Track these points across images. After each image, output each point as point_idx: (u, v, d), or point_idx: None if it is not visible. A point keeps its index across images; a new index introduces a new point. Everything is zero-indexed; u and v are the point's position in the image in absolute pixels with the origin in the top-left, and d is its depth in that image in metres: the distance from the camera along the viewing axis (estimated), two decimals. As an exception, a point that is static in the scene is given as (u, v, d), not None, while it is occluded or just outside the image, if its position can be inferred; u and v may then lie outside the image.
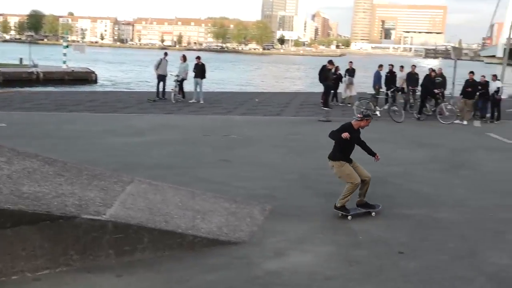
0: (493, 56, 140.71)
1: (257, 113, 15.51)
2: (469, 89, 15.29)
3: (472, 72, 15.70)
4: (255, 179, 7.42)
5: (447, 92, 17.21)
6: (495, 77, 16.07)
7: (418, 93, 16.40)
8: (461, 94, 15.67)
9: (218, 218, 5.25)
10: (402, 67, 17.76)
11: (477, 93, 15.47)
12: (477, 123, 15.15)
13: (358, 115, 6.12)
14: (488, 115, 15.84)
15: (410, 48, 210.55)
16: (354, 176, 5.91)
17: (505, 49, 25.09)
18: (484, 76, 16.00)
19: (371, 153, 6.13)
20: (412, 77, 17.11)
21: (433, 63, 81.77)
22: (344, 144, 5.90)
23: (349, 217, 5.94)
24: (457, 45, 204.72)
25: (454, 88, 18.87)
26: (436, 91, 15.39)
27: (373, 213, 6.13)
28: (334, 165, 5.96)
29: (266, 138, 10.65)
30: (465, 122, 14.83)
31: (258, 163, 8.44)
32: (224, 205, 5.63)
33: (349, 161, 5.96)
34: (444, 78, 17.03)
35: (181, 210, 5.05)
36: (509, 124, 15.29)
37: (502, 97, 17.20)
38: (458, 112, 15.10)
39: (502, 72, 22.16)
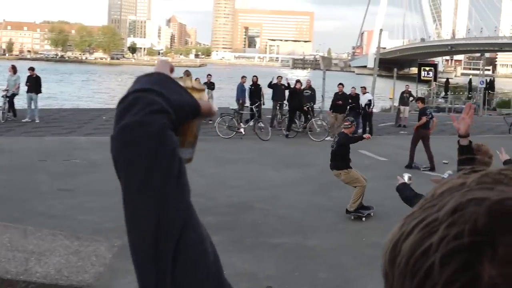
0: (364, 67, 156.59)
1: (105, 133, 15.04)
2: (340, 102, 16.38)
3: (341, 84, 16.74)
4: (102, 210, 7.28)
5: (316, 106, 18.31)
6: (364, 89, 17.65)
7: (286, 107, 17.42)
8: (330, 108, 16.77)
9: (57, 259, 5.16)
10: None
11: (348, 107, 16.71)
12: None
13: (346, 123, 8.33)
14: (360, 130, 17.37)
15: (277, 58, 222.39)
16: (361, 180, 7.97)
17: (375, 59, 27.87)
18: (354, 88, 17.32)
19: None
20: (278, 90, 18.10)
21: (302, 74, 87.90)
22: (346, 152, 7.94)
23: (363, 219, 7.83)
24: (326, 55, 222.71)
25: (323, 101, 20.29)
26: (305, 105, 16.35)
27: (371, 213, 7.89)
28: (341, 173, 7.93)
29: (114, 162, 10.52)
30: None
31: (106, 192, 8.29)
32: (64, 243, 5.53)
33: (351, 167, 7.91)
34: (313, 91, 18.16)
35: (10, 251, 4.89)
36: (382, 139, 16.77)
37: (374, 110, 19.15)
38: (329, 128, 16.20)
39: (372, 84, 24.30)
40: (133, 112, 0.70)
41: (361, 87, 17.65)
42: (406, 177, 4.62)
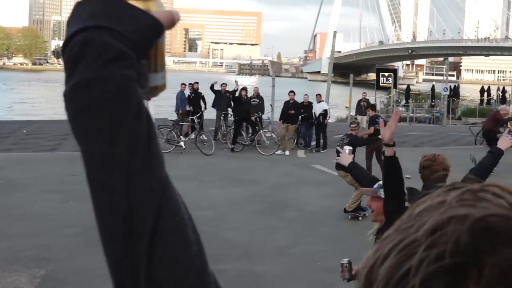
0: (318, 73, 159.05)
1: (25, 149, 14.80)
2: (292, 112, 16.61)
3: (292, 92, 17.01)
4: (21, 237, 7.23)
5: (265, 116, 18.57)
6: (319, 97, 18.03)
7: (231, 118, 17.54)
8: (280, 118, 17.03)
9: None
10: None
11: (300, 117, 16.99)
12: (301, 153, 16.75)
13: (353, 125, 10.78)
14: (313, 143, 17.72)
15: (221, 63, 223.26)
16: None
17: (329, 64, 28.48)
18: (307, 96, 17.62)
19: None
20: (222, 99, 18.26)
21: (249, 81, 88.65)
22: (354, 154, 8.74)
23: (360, 218, 9.20)
24: (275, 59, 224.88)
25: (273, 111, 20.61)
26: (253, 115, 16.54)
27: (366, 214, 8.76)
28: (348, 175, 8.50)
29: (37, 182, 10.42)
30: (287, 153, 16.18)
31: (26, 215, 8.21)
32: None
33: None
34: (261, 99, 18.41)
35: None
36: (335, 153, 17.42)
37: (330, 120, 19.57)
38: (279, 141, 16.44)
39: (327, 91, 24.83)
40: (84, 64, 0.63)
41: (316, 95, 18.02)
42: (347, 149, 5.06)
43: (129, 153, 0.63)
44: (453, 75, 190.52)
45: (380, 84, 43.91)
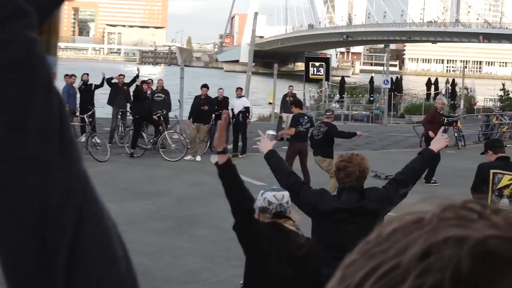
0: (236, 62, 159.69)
1: None
2: (206, 107, 16.64)
3: (205, 86, 17.08)
4: None
5: (172, 114, 18.63)
6: (240, 92, 18.15)
7: (130, 117, 17.44)
8: (190, 117, 17.05)
9: None
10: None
11: (213, 115, 17.02)
12: (214, 158, 16.92)
13: (328, 113, 13.28)
14: (230, 146, 17.85)
15: (119, 50, 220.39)
16: None
17: (249, 51, 28.70)
18: (222, 90, 17.79)
19: None
20: (119, 93, 18.07)
21: (153, 72, 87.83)
22: (332, 142, 12.73)
23: None
24: (185, 46, 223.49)
25: (182, 108, 20.65)
26: (155, 113, 16.54)
27: None
28: (326, 161, 12.42)
29: None
30: (198, 158, 16.29)
31: None
32: None
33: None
34: (167, 94, 18.41)
35: None
36: (259, 158, 17.62)
37: (252, 119, 19.74)
38: (189, 144, 16.52)
39: (246, 85, 25.09)
40: None
41: (237, 89, 18.15)
42: (269, 134, 5.34)
43: (39, 140, 0.56)
44: (395, 65, 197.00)
45: (310, 75, 44.87)
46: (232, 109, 17.59)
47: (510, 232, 0.43)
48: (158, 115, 16.69)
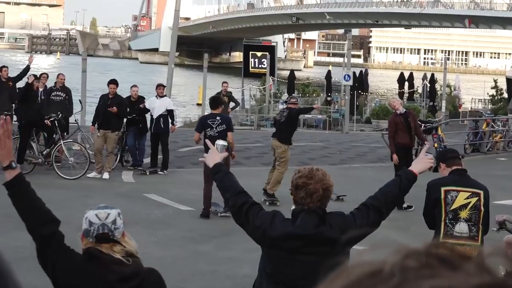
0: (155, 51, 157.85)
1: None
2: (115, 110, 16.42)
3: (114, 82, 17.08)
4: None
5: (72, 118, 18.58)
6: (161, 90, 18.05)
7: (16, 121, 17.28)
8: (94, 122, 16.96)
9: None
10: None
11: (125, 119, 17.32)
12: (127, 176, 17.00)
13: (292, 99, 15.96)
14: (147, 160, 17.88)
15: (2, 34, 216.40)
16: (287, 165, 14.99)
17: (172, 37, 28.62)
18: (136, 88, 17.98)
19: None
20: (2, 91, 17.85)
21: (46, 63, 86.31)
22: (294, 128, 15.66)
23: (278, 204, 14.15)
24: (88, 30, 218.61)
25: (84, 111, 20.76)
26: (49, 118, 16.51)
27: (277, 203, 14.25)
28: (282, 147, 15.00)
29: None
30: (105, 175, 16.40)
31: None
32: None
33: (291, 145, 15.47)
34: (67, 92, 18.42)
35: None
36: (183, 175, 17.79)
37: (177, 125, 19.67)
38: (94, 156, 16.55)
39: (168, 81, 25.46)
40: None
41: (157, 86, 18.08)
42: (219, 145, 5.42)
43: None
44: (358, 56, 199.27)
45: (250, 69, 45.09)
46: (151, 113, 17.62)
47: (490, 280, 0.47)
48: (52, 119, 16.56)
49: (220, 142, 5.54)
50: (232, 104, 22.84)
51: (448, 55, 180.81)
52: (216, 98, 15.06)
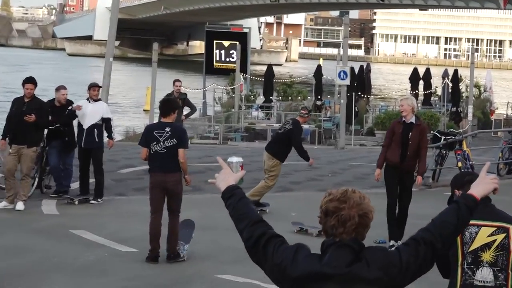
0: (88, 39, 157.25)
1: None
2: (32, 118, 16.00)
3: (31, 81, 16.94)
4: None
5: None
6: (95, 92, 17.76)
7: None
8: (4, 135, 16.85)
9: None
10: None
11: (46, 131, 17.30)
12: (49, 207, 16.84)
13: (303, 111, 17.97)
14: (75, 185, 17.84)
15: None
16: (275, 182, 17.27)
17: (111, 20, 28.51)
18: (65, 90, 17.99)
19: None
20: None
21: None
22: (290, 144, 17.05)
23: (267, 210, 17.03)
24: (0, 12, 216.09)
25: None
26: None
27: (267, 210, 16.84)
28: (274, 160, 16.98)
29: None
30: (20, 206, 16.16)
31: None
32: None
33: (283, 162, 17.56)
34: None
35: None
36: (122, 203, 17.92)
37: (116, 138, 19.52)
38: (4, 181, 16.57)
39: (105, 80, 25.40)
40: None
41: (90, 87, 18.03)
42: (235, 161, 5.47)
43: None
44: (358, 47, 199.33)
45: (214, 63, 45.00)
46: (79, 121, 17.55)
47: None
48: None
49: (234, 160, 5.53)
50: (186, 110, 22.82)
51: (477, 45, 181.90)
52: (168, 101, 14.63)
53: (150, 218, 12.99)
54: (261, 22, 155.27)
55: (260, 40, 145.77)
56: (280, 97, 43.87)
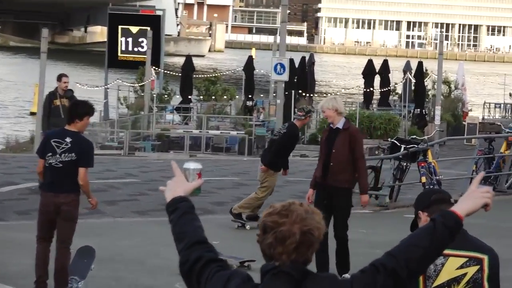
0: None
1: None
2: None
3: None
4: None
5: None
6: None
7: None
8: None
9: None
10: None
11: None
12: None
13: (299, 112, 19.83)
14: None
15: None
16: (268, 194, 19.17)
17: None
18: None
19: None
20: None
21: None
22: (286, 150, 19.49)
23: (248, 227, 19.02)
24: None
25: None
26: None
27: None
28: (268, 173, 19.06)
29: None
30: None
31: None
32: None
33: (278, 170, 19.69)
34: None
35: None
36: (2, 229, 17.78)
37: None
38: None
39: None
40: None
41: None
42: (192, 168, 5.44)
43: None
44: (300, 34, 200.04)
45: (119, 54, 44.77)
46: None
47: None
48: None
49: (191, 166, 5.43)
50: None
51: (447, 31, 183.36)
52: (76, 104, 14.32)
53: (36, 246, 12.88)
54: (179, 3, 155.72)
55: (177, 25, 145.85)
56: (201, 97, 43.92)
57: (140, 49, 44.19)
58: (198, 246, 4.90)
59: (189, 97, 42.71)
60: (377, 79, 49.27)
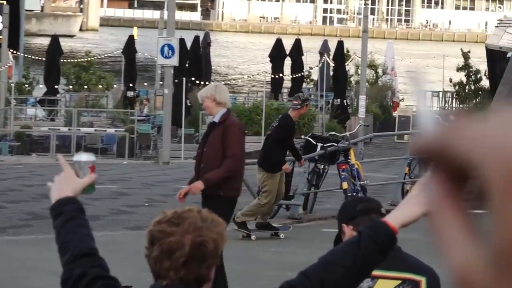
0: None
1: None
2: None
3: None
4: None
5: None
6: None
7: None
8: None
9: None
10: None
11: None
12: None
13: (295, 101, 22.73)
14: None
15: None
16: (272, 199, 21.55)
17: None
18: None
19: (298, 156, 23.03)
20: None
21: None
22: (284, 143, 21.97)
23: (253, 237, 20.69)
24: None
25: None
26: None
27: (281, 235, 21.01)
28: (263, 175, 21.19)
29: None
30: None
31: None
32: None
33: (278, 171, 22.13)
34: None
35: None
36: None
37: None
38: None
39: None
40: None
41: None
42: (83, 160, 5.37)
43: None
44: (192, 8, 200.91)
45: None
46: None
47: None
48: None
49: (82, 158, 5.31)
50: None
51: (373, 3, 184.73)
52: None
53: None
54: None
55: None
56: (71, 86, 43.91)
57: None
58: (84, 259, 4.83)
59: (56, 87, 42.65)
60: (287, 63, 49.51)
